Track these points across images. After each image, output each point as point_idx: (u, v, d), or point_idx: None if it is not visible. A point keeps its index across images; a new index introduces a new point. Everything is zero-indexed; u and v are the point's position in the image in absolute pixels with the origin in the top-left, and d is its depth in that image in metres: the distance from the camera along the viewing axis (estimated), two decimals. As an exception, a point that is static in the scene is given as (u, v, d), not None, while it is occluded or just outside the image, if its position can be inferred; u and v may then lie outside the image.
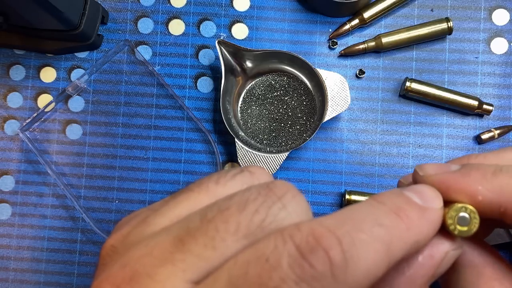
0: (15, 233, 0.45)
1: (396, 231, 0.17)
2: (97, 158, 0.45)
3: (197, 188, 0.19)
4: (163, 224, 0.18)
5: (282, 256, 0.15)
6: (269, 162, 0.41)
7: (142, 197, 0.45)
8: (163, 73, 0.45)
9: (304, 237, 0.16)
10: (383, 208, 0.18)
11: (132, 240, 0.18)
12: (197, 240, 0.17)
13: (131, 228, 0.19)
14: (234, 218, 0.17)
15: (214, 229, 0.17)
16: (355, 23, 0.44)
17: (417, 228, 0.18)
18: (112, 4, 0.46)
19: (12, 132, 0.46)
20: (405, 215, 0.18)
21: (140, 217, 0.19)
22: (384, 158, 0.44)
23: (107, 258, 0.18)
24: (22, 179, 0.45)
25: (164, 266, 0.16)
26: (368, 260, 0.16)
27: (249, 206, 0.17)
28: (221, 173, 0.20)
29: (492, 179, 0.19)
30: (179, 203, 0.19)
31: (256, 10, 0.46)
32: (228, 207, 0.17)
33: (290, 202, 0.18)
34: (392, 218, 0.18)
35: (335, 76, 0.41)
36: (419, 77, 0.44)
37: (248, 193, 0.18)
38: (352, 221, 0.17)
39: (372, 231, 0.17)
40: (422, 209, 0.19)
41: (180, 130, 0.45)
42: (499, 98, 0.44)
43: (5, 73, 0.46)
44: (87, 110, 0.46)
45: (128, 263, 0.17)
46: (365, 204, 0.18)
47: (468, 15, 0.45)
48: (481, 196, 0.19)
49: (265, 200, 0.17)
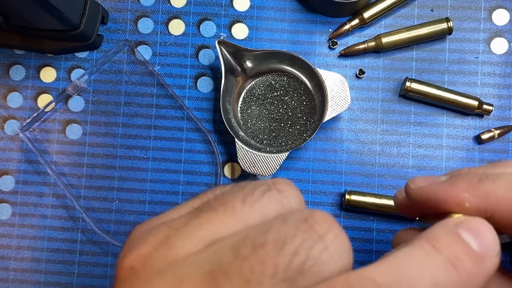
0: (15, 233, 0.45)
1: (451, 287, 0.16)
2: (97, 158, 0.45)
3: (221, 208, 0.18)
4: (188, 249, 0.17)
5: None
6: (269, 162, 0.41)
7: (142, 197, 0.45)
8: (163, 73, 0.45)
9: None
10: (440, 259, 0.16)
11: (155, 264, 0.17)
12: (231, 281, 0.15)
13: (151, 248, 0.17)
14: (271, 259, 0.15)
15: (250, 270, 0.15)
16: (355, 23, 0.44)
17: (473, 281, 0.17)
18: (112, 4, 0.46)
19: (12, 132, 0.46)
20: (463, 268, 0.16)
21: (159, 235, 0.18)
22: (384, 158, 0.44)
23: (127, 282, 0.17)
24: (22, 179, 0.45)
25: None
26: None
27: (287, 246, 0.16)
28: (246, 189, 0.18)
29: (478, 186, 0.19)
30: (202, 224, 0.17)
31: (256, 10, 0.46)
32: (263, 243, 0.16)
33: (332, 242, 0.16)
34: (450, 273, 0.16)
35: (335, 76, 0.41)
36: (419, 77, 0.44)
37: (285, 228, 0.16)
38: (407, 279, 0.15)
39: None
40: (480, 258, 0.17)
41: (180, 130, 0.45)
42: (499, 98, 0.44)
43: (5, 73, 0.46)
44: (87, 110, 0.46)
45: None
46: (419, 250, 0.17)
47: (468, 15, 0.45)
48: (468, 203, 0.19)
49: (306, 239, 0.16)
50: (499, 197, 0.19)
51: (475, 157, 0.44)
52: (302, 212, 0.17)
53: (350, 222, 0.44)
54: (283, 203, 0.18)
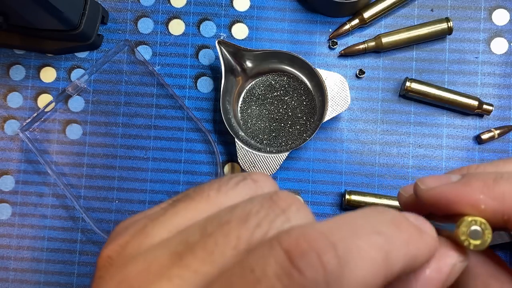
0: (15, 233, 0.45)
1: (395, 241, 0.16)
2: (97, 158, 0.45)
3: (197, 196, 0.18)
4: (162, 235, 0.17)
5: (268, 264, 0.14)
6: (269, 162, 0.41)
7: (142, 197, 0.45)
8: (163, 73, 0.45)
9: (293, 240, 0.14)
10: (383, 217, 0.17)
11: (129, 252, 0.17)
12: (196, 255, 0.16)
13: (128, 237, 0.18)
14: (234, 231, 0.16)
15: (214, 243, 0.16)
16: (355, 23, 0.44)
17: (416, 244, 0.17)
18: (112, 4, 0.46)
19: (12, 132, 0.46)
20: (406, 229, 0.17)
21: (137, 226, 0.18)
22: (384, 158, 0.44)
23: (103, 270, 0.18)
24: (22, 179, 0.45)
25: (160, 282, 0.15)
26: (366, 269, 0.15)
27: (251, 219, 0.16)
28: (223, 180, 0.19)
29: (494, 187, 0.19)
30: (178, 213, 0.18)
31: (256, 10, 0.46)
32: (229, 220, 0.16)
33: (294, 215, 0.17)
34: (392, 228, 0.17)
35: (335, 76, 0.41)
36: (419, 77, 0.44)
37: (251, 205, 0.17)
38: (349, 226, 0.16)
39: (370, 238, 0.16)
40: (420, 230, 0.18)
41: (180, 130, 0.45)
42: (499, 98, 0.44)
43: (5, 73, 0.46)
44: (87, 110, 0.46)
45: (124, 280, 0.16)
46: (364, 211, 0.17)
47: (468, 15, 0.45)
48: (484, 205, 0.19)
49: (268, 213, 0.16)
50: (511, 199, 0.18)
51: (475, 157, 0.44)
52: (267, 193, 0.18)
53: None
54: (257, 191, 0.19)
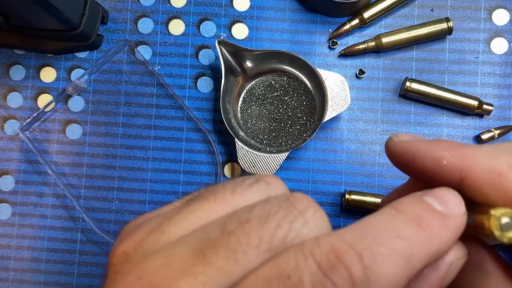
0: (15, 233, 0.45)
1: (416, 242, 0.17)
2: (97, 158, 0.45)
3: (212, 196, 0.19)
4: (178, 233, 0.18)
5: (304, 273, 0.15)
6: (269, 162, 0.41)
7: (142, 197, 0.45)
8: (163, 73, 0.45)
9: (324, 254, 0.16)
10: (403, 218, 0.17)
11: (146, 248, 0.17)
12: (218, 252, 0.16)
13: (144, 235, 0.18)
14: (256, 231, 0.16)
15: (236, 241, 0.16)
16: (355, 23, 0.44)
17: (438, 238, 0.18)
18: (112, 4, 0.46)
19: (12, 132, 0.46)
20: (426, 224, 0.17)
21: (152, 223, 0.18)
22: (384, 158, 0.44)
23: (119, 266, 0.18)
24: (22, 179, 0.45)
25: (185, 279, 0.16)
26: (389, 274, 0.16)
27: (270, 220, 0.17)
28: (237, 181, 0.19)
29: (459, 148, 0.20)
30: (193, 212, 0.18)
31: (256, 10, 0.46)
32: (248, 219, 0.17)
33: (312, 217, 0.17)
34: (412, 228, 0.17)
35: (335, 76, 0.41)
36: (419, 77, 0.44)
37: (269, 206, 0.17)
38: (372, 234, 0.16)
39: (392, 244, 0.16)
40: (443, 216, 0.18)
41: (180, 130, 0.45)
42: (499, 98, 0.44)
43: (5, 73, 0.46)
44: (87, 110, 0.46)
45: (145, 274, 0.16)
46: (384, 214, 0.18)
47: (468, 15, 0.45)
48: (446, 161, 0.20)
49: (287, 214, 0.17)
50: (475, 161, 0.19)
51: (475, 157, 0.44)
52: (283, 194, 0.19)
53: (350, 222, 0.44)
54: (270, 192, 0.19)
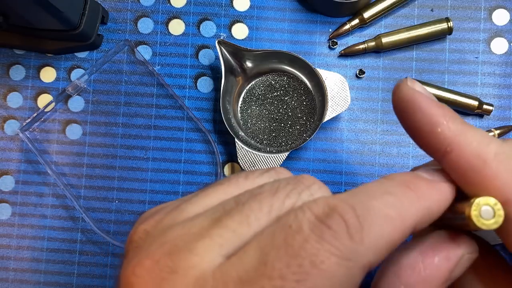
0: (15, 233, 0.45)
1: (406, 198, 0.18)
2: (97, 158, 0.45)
3: (226, 182, 0.20)
4: (196, 211, 0.19)
5: (303, 222, 0.17)
6: (269, 162, 0.41)
7: (142, 197, 0.45)
8: (163, 73, 0.45)
9: (320, 207, 0.17)
10: (392, 182, 0.19)
11: (166, 224, 0.19)
12: (233, 218, 0.18)
13: (163, 215, 0.20)
14: (267, 200, 0.18)
15: (249, 209, 0.18)
16: (355, 23, 0.44)
17: (427, 195, 0.19)
18: (112, 4, 0.46)
19: (12, 132, 0.46)
20: (414, 186, 0.19)
21: (170, 206, 0.20)
22: (384, 158, 0.44)
23: (140, 241, 0.19)
24: (22, 179, 0.45)
25: (202, 240, 0.17)
26: (381, 223, 0.17)
27: (280, 191, 0.19)
28: (249, 171, 0.21)
29: (458, 124, 0.20)
30: (209, 194, 0.20)
31: (256, 10, 0.46)
32: (260, 192, 0.19)
33: (316, 191, 0.19)
34: (401, 188, 0.19)
35: (335, 76, 0.41)
36: (419, 77, 0.44)
37: (278, 182, 0.19)
38: (364, 193, 0.18)
39: (383, 198, 0.18)
40: (431, 181, 0.20)
41: (180, 130, 0.45)
42: (499, 98, 0.44)
43: (5, 73, 0.46)
44: (87, 110, 0.46)
45: (167, 241, 0.18)
46: (376, 180, 0.19)
47: (468, 15, 0.45)
48: (440, 129, 0.20)
49: (295, 188, 0.19)
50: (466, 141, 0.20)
51: (475, 157, 0.44)
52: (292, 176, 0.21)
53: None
54: None
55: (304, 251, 0.16)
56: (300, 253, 0.16)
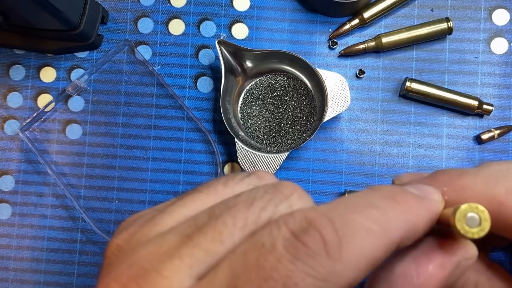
0: (15, 233, 0.45)
1: (392, 211, 0.17)
2: (97, 158, 0.45)
3: (205, 190, 0.19)
4: (170, 224, 0.18)
5: (277, 239, 0.16)
6: (269, 162, 0.41)
7: (142, 197, 0.45)
8: (163, 73, 0.45)
9: (297, 221, 0.16)
10: (378, 194, 0.18)
11: (139, 239, 0.18)
12: (206, 235, 0.17)
13: (137, 227, 0.19)
14: (241, 214, 0.17)
15: (222, 224, 0.17)
16: (355, 23, 0.44)
17: (414, 210, 0.18)
18: (112, 4, 0.46)
19: (12, 132, 0.46)
20: (402, 199, 0.18)
21: (146, 217, 0.19)
22: (384, 158, 0.44)
23: (112, 258, 0.18)
24: (22, 179, 0.45)
25: (171, 261, 0.16)
26: (363, 240, 0.16)
27: (256, 203, 0.17)
28: (229, 176, 0.20)
29: (457, 180, 0.20)
30: (185, 204, 0.19)
31: (256, 10, 0.46)
32: (235, 203, 0.17)
33: (296, 202, 0.18)
34: (387, 201, 0.17)
35: (335, 76, 0.41)
36: (419, 77, 0.44)
37: (255, 191, 0.18)
38: (345, 205, 0.17)
39: (366, 212, 0.17)
40: (419, 197, 0.19)
41: (180, 130, 0.45)
42: (499, 98, 0.44)
43: (5, 73, 0.46)
44: (87, 110, 0.46)
45: (135, 262, 0.17)
46: (360, 191, 0.18)
47: (468, 15, 0.45)
48: (447, 196, 0.20)
49: (272, 199, 0.17)
50: (474, 192, 0.19)
51: (475, 157, 0.44)
52: (272, 182, 0.19)
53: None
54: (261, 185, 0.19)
55: (277, 272, 0.15)
56: (272, 275, 0.15)
